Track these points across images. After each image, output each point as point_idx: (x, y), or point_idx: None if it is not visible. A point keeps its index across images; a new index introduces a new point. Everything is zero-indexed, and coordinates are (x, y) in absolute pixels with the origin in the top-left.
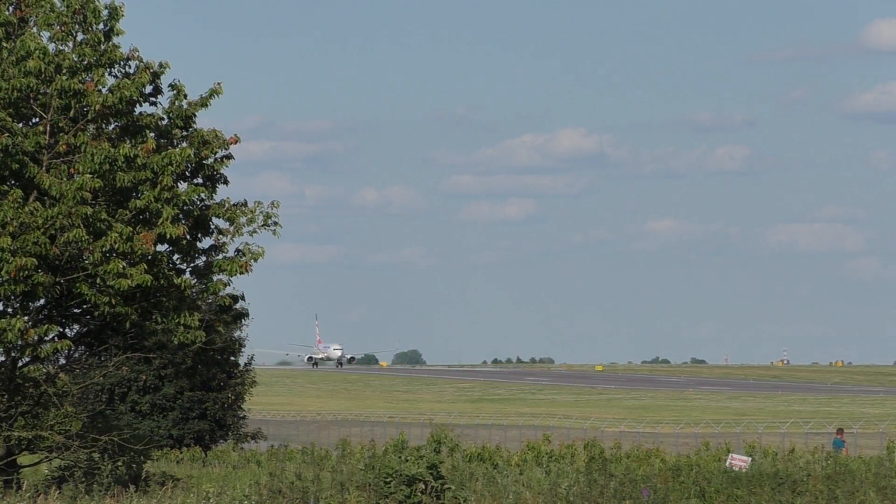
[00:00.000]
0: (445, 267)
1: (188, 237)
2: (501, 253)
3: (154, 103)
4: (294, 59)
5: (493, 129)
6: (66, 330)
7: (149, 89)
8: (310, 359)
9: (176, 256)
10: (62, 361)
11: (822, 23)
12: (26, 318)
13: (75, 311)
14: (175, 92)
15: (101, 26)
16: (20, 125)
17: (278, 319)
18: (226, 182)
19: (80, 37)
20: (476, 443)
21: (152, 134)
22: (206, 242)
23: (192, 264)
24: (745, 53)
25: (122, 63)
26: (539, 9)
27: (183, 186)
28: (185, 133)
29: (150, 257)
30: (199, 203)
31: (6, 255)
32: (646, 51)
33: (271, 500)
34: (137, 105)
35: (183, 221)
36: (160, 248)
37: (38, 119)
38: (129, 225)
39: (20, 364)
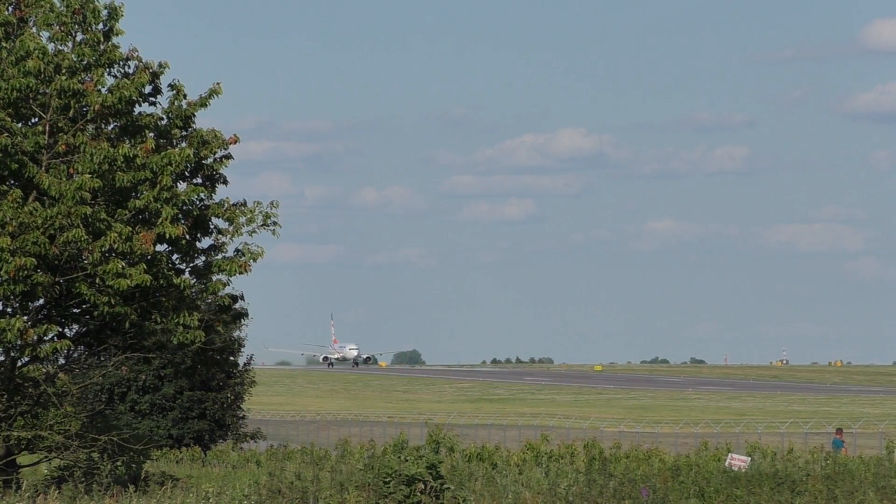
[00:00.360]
0: (445, 267)
1: (187, 237)
2: (501, 253)
3: (153, 103)
4: (294, 59)
5: (493, 129)
6: (66, 330)
7: (148, 89)
8: (325, 358)
9: (175, 256)
10: (61, 361)
11: (821, 23)
12: (26, 317)
13: (74, 310)
14: (174, 92)
15: (100, 26)
16: (19, 125)
17: (278, 319)
18: (225, 182)
19: (79, 37)
20: (475, 443)
21: (151, 134)
22: (205, 242)
23: (191, 264)
24: (744, 53)
25: (121, 63)
26: (539, 9)
27: (182, 186)
28: (184, 133)
29: (149, 257)
30: (198, 203)
31: (5, 255)
32: (646, 51)
33: (271, 500)
34: (137, 105)
35: (182, 221)
36: (159, 247)
37: (37, 119)
38: (129, 225)
39: (19, 364)
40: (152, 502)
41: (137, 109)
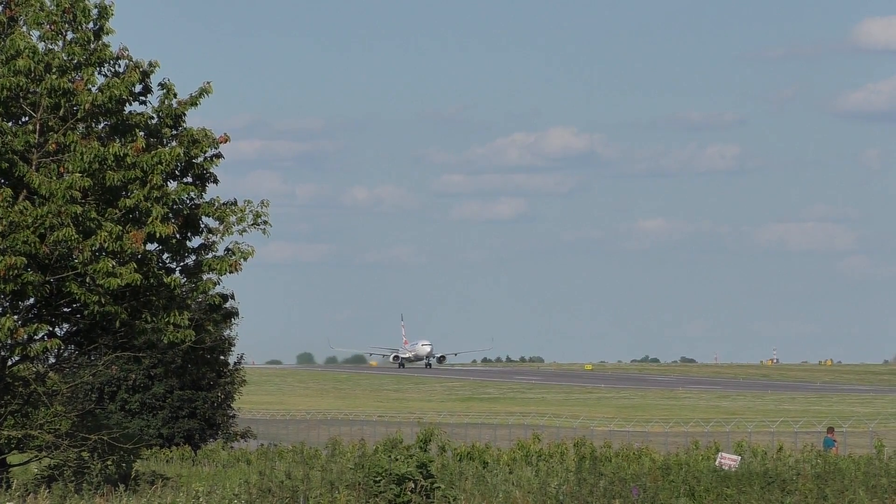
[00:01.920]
0: (436, 266)
1: (178, 236)
2: (492, 252)
3: (144, 102)
4: (285, 57)
5: (484, 127)
6: (56, 329)
7: (138, 88)
8: (395, 358)
9: (165, 255)
10: (52, 360)
11: (813, 22)
12: (16, 316)
13: (65, 309)
14: (165, 91)
15: (90, 25)
16: (10, 124)
17: (269, 318)
18: (215, 181)
19: (69, 36)
20: (466, 442)
21: (142, 133)
22: (195, 241)
23: (181, 263)
24: (735, 52)
25: (111, 62)
26: (530, 8)
27: (173, 185)
28: (174, 132)
29: (139, 256)
30: (188, 202)
31: None
32: (637, 49)
33: (261, 499)
34: (127, 104)
35: (172, 220)
36: (150, 246)
37: (27, 118)
38: (119, 224)
39: (10, 363)
40: (142, 501)
41: (128, 108)
